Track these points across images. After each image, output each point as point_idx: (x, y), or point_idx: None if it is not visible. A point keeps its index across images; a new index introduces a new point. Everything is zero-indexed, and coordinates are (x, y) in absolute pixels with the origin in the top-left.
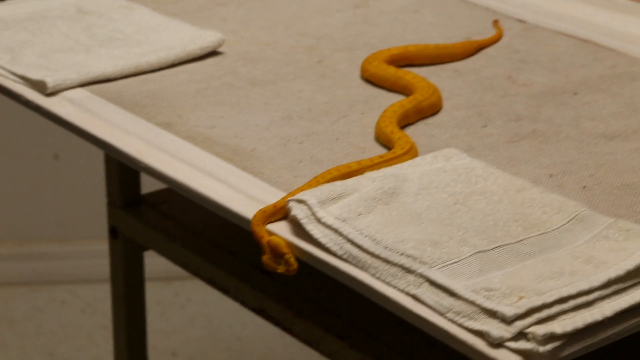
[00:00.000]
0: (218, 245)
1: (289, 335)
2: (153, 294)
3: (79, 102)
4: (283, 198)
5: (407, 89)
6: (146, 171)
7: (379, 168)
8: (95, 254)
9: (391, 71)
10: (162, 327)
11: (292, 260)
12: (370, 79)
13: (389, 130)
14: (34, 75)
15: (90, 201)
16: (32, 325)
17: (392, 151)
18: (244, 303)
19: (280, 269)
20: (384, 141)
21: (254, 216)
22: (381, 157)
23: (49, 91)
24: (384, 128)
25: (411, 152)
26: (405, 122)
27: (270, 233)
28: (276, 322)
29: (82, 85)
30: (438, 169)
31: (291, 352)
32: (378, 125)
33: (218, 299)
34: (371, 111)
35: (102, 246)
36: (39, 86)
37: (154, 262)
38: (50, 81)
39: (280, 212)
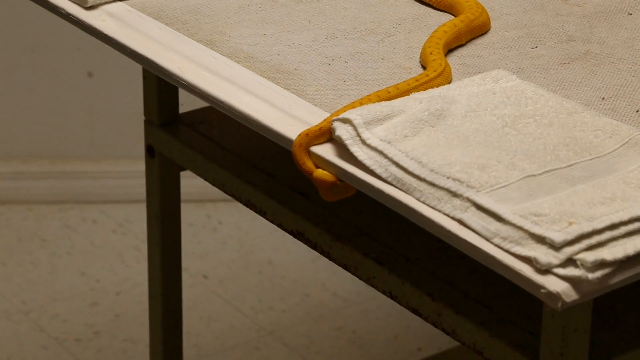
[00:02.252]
0: (256, 166)
1: (321, 260)
2: (185, 216)
3: (119, 16)
4: (326, 120)
5: (454, 8)
6: (187, 88)
7: (414, 92)
8: (128, 174)
9: None
10: (194, 249)
11: (342, 185)
12: None
13: (428, 52)
14: None
15: (124, 121)
16: (63, 244)
17: (424, 73)
18: (281, 225)
19: (338, 196)
20: (424, 62)
21: (296, 140)
22: (416, 79)
23: (89, 4)
24: (426, 48)
25: (443, 75)
26: (457, 42)
27: (312, 161)
28: (314, 245)
29: None
30: (486, 90)
31: (322, 277)
32: (424, 45)
33: (250, 222)
34: (418, 30)
35: (135, 167)
36: None
37: (185, 184)
38: None
39: (325, 135)
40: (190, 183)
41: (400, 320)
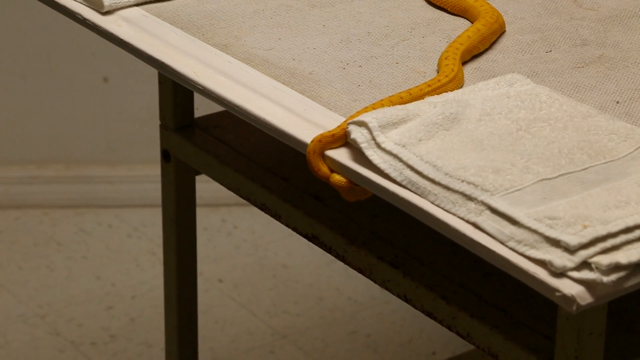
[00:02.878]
0: (271, 170)
1: (335, 264)
2: (200, 220)
3: (135, 21)
4: (340, 126)
5: (468, 12)
6: (202, 93)
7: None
8: (143, 178)
9: None
10: (209, 253)
11: (359, 188)
12: (433, 0)
13: (444, 56)
14: None
15: (139, 125)
16: (79, 248)
17: (437, 78)
18: (295, 229)
19: (359, 197)
20: (439, 67)
21: (310, 147)
22: (428, 84)
23: (105, 9)
24: (443, 53)
25: (455, 80)
26: (482, 47)
27: (327, 164)
28: (328, 249)
29: (139, 4)
30: (501, 94)
31: (337, 281)
32: (444, 50)
33: (265, 226)
34: (432, 35)
35: (150, 171)
36: (95, 4)
37: (201, 189)
38: None
39: (338, 141)
40: (205, 187)
41: (414, 324)
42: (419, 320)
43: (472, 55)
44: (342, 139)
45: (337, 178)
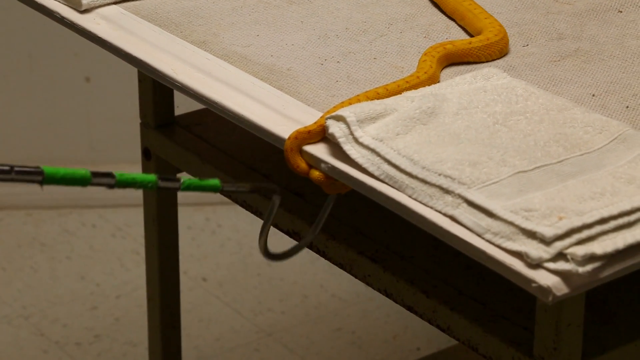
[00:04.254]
0: (251, 167)
1: (319, 261)
2: (184, 219)
3: (113, 19)
4: (316, 122)
5: (471, 23)
6: (181, 90)
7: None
8: None
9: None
10: (193, 252)
11: (340, 182)
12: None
13: (423, 55)
14: None
15: (121, 125)
16: (63, 249)
17: (415, 75)
18: (277, 226)
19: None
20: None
21: (287, 144)
22: (406, 81)
23: (83, 8)
24: (425, 51)
25: (433, 78)
26: (468, 59)
27: (305, 160)
28: (309, 245)
29: (117, 2)
30: (478, 88)
31: (321, 279)
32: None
33: (249, 224)
34: (410, 30)
35: (134, 170)
36: (73, 3)
37: None
38: None
39: (315, 137)
40: None
41: (399, 321)
42: (403, 317)
43: (453, 62)
44: (319, 134)
45: (316, 174)
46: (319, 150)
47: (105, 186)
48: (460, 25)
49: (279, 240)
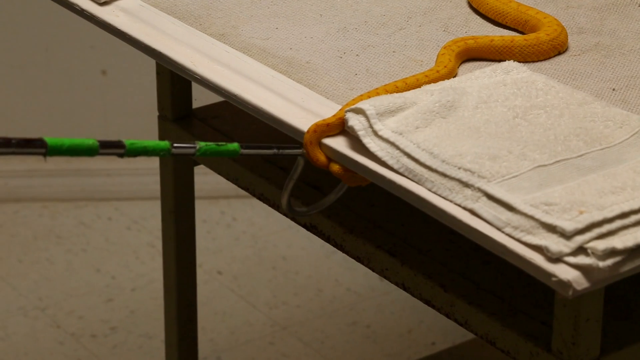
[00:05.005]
0: (269, 160)
1: (334, 255)
2: (199, 212)
3: (132, 11)
4: (335, 115)
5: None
6: (200, 82)
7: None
8: (143, 171)
9: (513, 5)
10: (208, 245)
11: (358, 176)
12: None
13: (442, 48)
14: None
15: (138, 117)
16: (78, 241)
17: (434, 69)
18: (294, 219)
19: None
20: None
21: (306, 137)
22: (426, 75)
23: (103, 0)
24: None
25: (453, 72)
26: (497, 57)
27: (325, 153)
28: (327, 238)
29: None
30: (497, 82)
31: (336, 273)
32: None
33: (264, 218)
34: (429, 23)
35: (150, 163)
36: None
37: (200, 181)
38: None
39: (334, 129)
40: (205, 180)
41: (414, 315)
42: (419, 311)
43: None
44: (338, 127)
45: (336, 167)
46: (338, 143)
47: (115, 155)
48: (492, 21)
49: (295, 234)
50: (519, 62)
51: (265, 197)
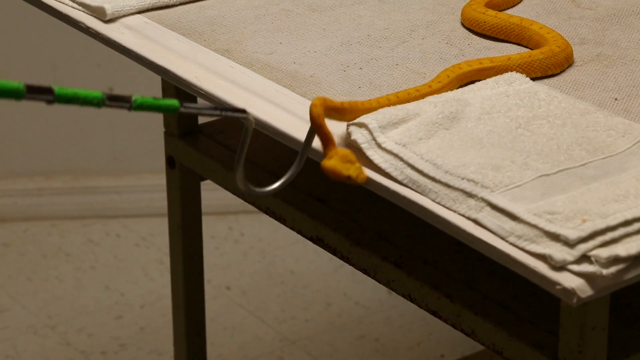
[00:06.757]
0: (274, 174)
1: (342, 269)
2: (207, 228)
3: (137, 28)
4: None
5: (533, 41)
6: (205, 97)
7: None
8: (150, 188)
9: (515, 20)
10: (216, 261)
11: (362, 169)
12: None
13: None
14: (93, 1)
15: (145, 135)
16: (87, 259)
17: (427, 84)
18: (300, 232)
19: (352, 172)
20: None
21: (314, 101)
22: (417, 89)
23: (107, 17)
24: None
25: (448, 87)
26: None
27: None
28: (333, 250)
29: (141, 11)
30: (500, 93)
31: (344, 286)
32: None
33: (271, 233)
34: (431, 36)
35: (157, 180)
36: (98, 12)
37: (207, 197)
38: (109, 7)
39: (342, 113)
40: (212, 196)
41: (422, 327)
42: (427, 323)
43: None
44: (345, 113)
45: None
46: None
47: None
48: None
49: (303, 249)
50: (540, 76)
51: (272, 211)
